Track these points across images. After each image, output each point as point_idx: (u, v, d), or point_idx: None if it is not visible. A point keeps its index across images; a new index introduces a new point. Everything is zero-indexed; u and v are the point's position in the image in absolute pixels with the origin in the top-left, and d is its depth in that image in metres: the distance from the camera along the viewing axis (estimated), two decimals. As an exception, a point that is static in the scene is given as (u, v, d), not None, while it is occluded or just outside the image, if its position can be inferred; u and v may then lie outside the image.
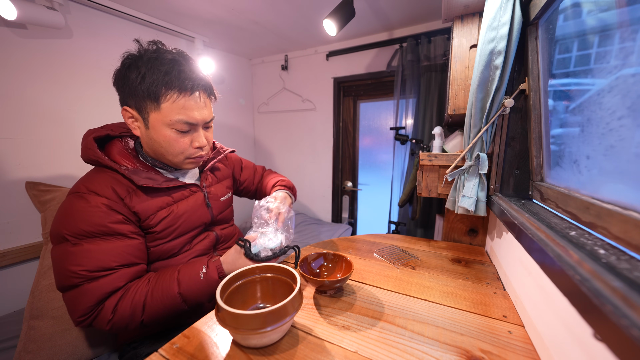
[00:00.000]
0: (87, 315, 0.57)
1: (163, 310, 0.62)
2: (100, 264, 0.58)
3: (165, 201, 0.71)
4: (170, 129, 0.64)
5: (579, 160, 0.57)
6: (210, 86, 0.70)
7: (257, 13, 1.58)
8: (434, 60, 1.61)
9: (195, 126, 0.67)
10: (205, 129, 0.72)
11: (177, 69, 0.62)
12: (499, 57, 0.74)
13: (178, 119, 0.63)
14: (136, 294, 0.60)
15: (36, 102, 1.30)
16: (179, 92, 0.62)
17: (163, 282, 0.63)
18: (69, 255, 0.57)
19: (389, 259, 0.90)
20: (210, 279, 0.65)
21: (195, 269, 0.66)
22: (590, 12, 0.57)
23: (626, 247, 0.38)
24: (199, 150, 0.70)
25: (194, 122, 0.65)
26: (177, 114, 0.63)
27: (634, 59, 0.43)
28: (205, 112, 0.68)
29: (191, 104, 0.64)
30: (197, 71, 0.66)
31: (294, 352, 0.50)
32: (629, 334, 0.24)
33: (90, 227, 0.59)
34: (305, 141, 2.37)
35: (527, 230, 0.53)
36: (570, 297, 0.36)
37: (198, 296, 0.65)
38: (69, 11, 1.36)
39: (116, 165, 0.65)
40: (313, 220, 2.25)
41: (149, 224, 0.67)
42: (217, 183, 0.89)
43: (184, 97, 0.63)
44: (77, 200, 0.61)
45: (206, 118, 0.68)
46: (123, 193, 0.64)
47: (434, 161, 0.99)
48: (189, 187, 0.77)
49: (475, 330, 0.56)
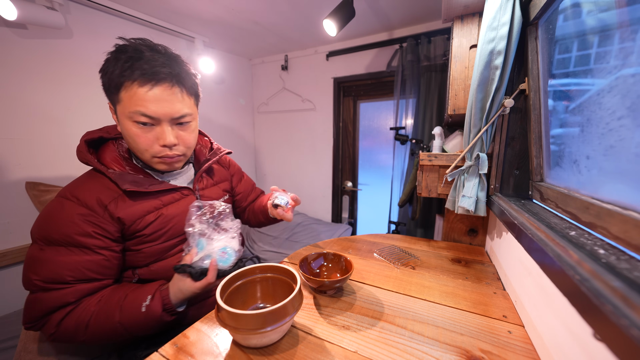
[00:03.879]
0: (32, 323, 0.57)
1: (105, 335, 0.59)
2: (54, 276, 0.56)
3: (154, 205, 0.68)
4: (131, 122, 0.60)
5: (578, 160, 0.57)
6: (185, 79, 0.64)
7: (257, 13, 1.58)
8: (434, 60, 1.61)
9: (158, 121, 0.61)
10: (178, 126, 0.65)
11: (137, 57, 0.58)
12: (499, 57, 0.74)
13: (135, 110, 0.58)
14: (83, 312, 0.58)
15: (36, 102, 1.30)
16: (134, 81, 0.57)
17: (109, 306, 0.59)
18: (32, 261, 0.57)
19: (389, 259, 0.90)
20: (152, 313, 0.59)
21: (140, 298, 0.60)
22: (590, 13, 0.57)
23: (626, 247, 0.38)
24: (165, 150, 0.64)
25: (152, 114, 0.59)
26: (135, 105, 0.58)
27: (634, 59, 0.43)
28: (170, 106, 0.61)
29: (151, 95, 0.58)
30: (165, 60, 0.60)
31: (294, 352, 0.50)
32: (629, 334, 0.24)
33: (58, 235, 0.58)
34: (305, 141, 2.38)
35: (527, 230, 0.53)
36: (570, 297, 0.36)
37: (139, 328, 0.60)
38: (69, 11, 1.36)
39: (104, 169, 0.63)
40: (313, 220, 2.25)
41: (135, 228, 0.65)
42: (212, 185, 0.85)
43: (140, 86, 0.58)
44: (57, 204, 0.61)
45: (172, 113, 0.62)
46: (107, 199, 0.62)
47: (434, 161, 0.99)
48: (180, 190, 0.74)
49: (475, 330, 0.56)
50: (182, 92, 0.63)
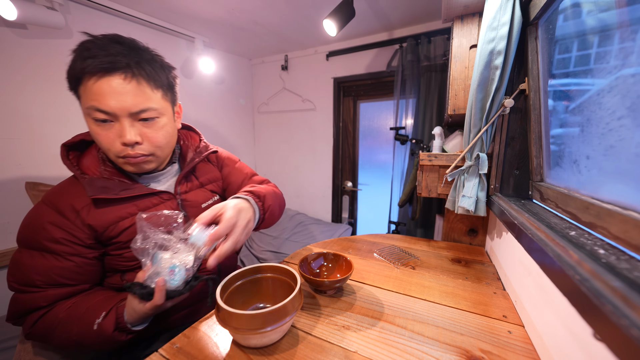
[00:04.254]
0: (13, 321, 0.59)
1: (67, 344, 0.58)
2: (26, 280, 0.57)
3: (128, 211, 0.64)
4: (90, 119, 0.56)
5: (578, 160, 0.57)
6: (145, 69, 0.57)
7: (257, 13, 1.58)
8: (434, 60, 1.61)
9: (115, 116, 0.55)
10: (142, 122, 0.59)
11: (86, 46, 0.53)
12: (499, 57, 0.74)
13: (90, 106, 0.54)
14: (53, 318, 0.57)
15: (36, 102, 1.30)
16: (89, 75, 0.53)
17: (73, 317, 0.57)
18: (12, 263, 0.59)
19: (389, 259, 0.90)
20: (103, 332, 0.55)
21: (95, 314, 0.56)
22: (590, 13, 0.57)
23: (626, 247, 0.38)
24: (126, 148, 0.58)
25: (106, 109, 0.54)
26: (90, 99, 0.54)
27: (634, 59, 0.43)
28: (126, 99, 0.55)
29: (104, 88, 0.53)
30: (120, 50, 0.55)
31: (294, 352, 0.50)
32: (629, 334, 0.24)
33: (30, 239, 0.59)
34: (305, 141, 2.38)
35: (527, 230, 0.53)
36: (570, 297, 0.36)
37: (90, 345, 0.57)
38: (69, 11, 1.36)
39: (79, 174, 0.61)
40: (313, 220, 2.25)
41: (109, 234, 0.62)
42: (198, 188, 0.78)
43: (96, 79, 0.53)
44: (35, 208, 0.61)
45: (128, 107, 0.55)
46: (80, 205, 0.60)
47: (434, 161, 0.99)
48: (159, 195, 0.68)
49: (475, 330, 0.56)
50: (142, 83, 0.57)
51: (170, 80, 0.65)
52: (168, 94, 0.64)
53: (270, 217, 0.75)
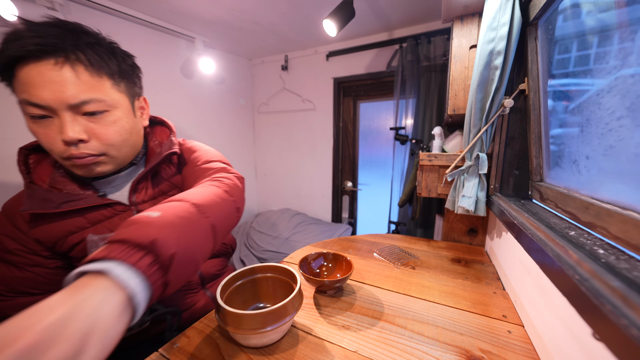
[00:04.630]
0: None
1: None
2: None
3: (76, 224, 0.56)
4: (25, 116, 0.48)
5: (578, 160, 0.57)
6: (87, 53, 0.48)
7: (258, 13, 1.58)
8: (433, 60, 1.61)
9: (52, 110, 0.47)
10: (88, 117, 0.50)
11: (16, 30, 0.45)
12: (499, 58, 0.74)
13: (21, 99, 0.46)
14: None
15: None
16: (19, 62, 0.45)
17: None
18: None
19: (388, 258, 0.90)
20: None
21: None
22: (589, 13, 0.57)
23: (625, 247, 0.38)
24: (69, 148, 0.49)
25: (40, 102, 0.45)
26: (20, 91, 0.46)
27: (633, 59, 0.43)
28: (62, 89, 0.46)
29: (34, 75, 0.45)
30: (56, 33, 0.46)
31: (294, 352, 0.50)
32: (628, 334, 0.24)
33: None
34: (305, 141, 2.38)
35: (527, 230, 0.53)
36: (569, 297, 0.36)
37: None
38: (70, 12, 1.36)
39: (27, 182, 0.56)
40: (313, 220, 2.25)
41: (60, 250, 0.56)
42: (160, 195, 0.65)
43: (23, 67, 0.45)
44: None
45: (66, 99, 0.46)
46: (28, 216, 0.54)
47: (434, 161, 0.99)
48: (113, 206, 0.59)
49: (475, 329, 0.56)
50: (81, 71, 0.48)
51: (125, 69, 0.56)
52: (121, 84, 0.55)
53: (183, 269, 0.38)
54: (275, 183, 2.64)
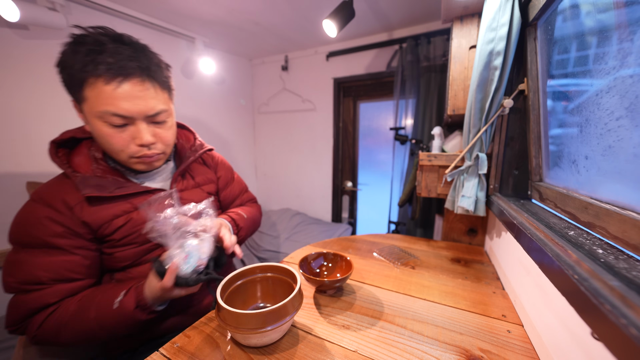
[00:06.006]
0: (15, 326, 0.56)
1: (83, 335, 0.56)
2: (30, 278, 0.55)
3: (122, 208, 0.63)
4: (101, 122, 0.55)
5: (577, 161, 0.57)
6: (156, 72, 0.59)
7: (258, 14, 1.58)
8: (433, 60, 1.62)
9: (132, 119, 0.57)
10: (155, 124, 0.61)
11: (98, 50, 0.52)
12: (498, 58, 0.74)
13: (105, 110, 0.54)
14: (63, 312, 0.56)
15: (36, 103, 1.30)
16: (98, 77, 0.52)
17: (87, 304, 0.57)
18: (7, 264, 0.56)
19: (388, 258, 0.90)
20: (124, 310, 0.56)
21: (113, 294, 0.57)
22: (588, 13, 0.57)
23: (624, 246, 0.38)
24: (142, 149, 0.60)
25: (125, 113, 0.55)
26: (104, 104, 0.53)
27: (632, 60, 0.43)
28: (142, 103, 0.56)
29: (121, 93, 0.53)
30: (132, 53, 0.55)
31: (294, 352, 0.50)
32: (627, 333, 0.24)
33: (28, 237, 0.57)
34: (305, 141, 2.38)
35: (526, 230, 0.53)
36: (568, 297, 0.36)
37: (114, 326, 0.57)
38: (70, 12, 1.36)
39: (70, 172, 0.61)
40: (313, 220, 2.25)
41: (103, 232, 0.61)
42: (194, 187, 0.78)
43: (110, 84, 0.53)
44: (26, 207, 0.60)
45: (146, 111, 0.57)
46: (74, 202, 0.59)
47: (434, 161, 0.99)
48: (155, 192, 0.68)
49: (475, 329, 0.56)
50: (154, 86, 0.58)
51: (169, 80, 0.65)
52: (171, 94, 0.66)
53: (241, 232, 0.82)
54: (275, 183, 2.65)
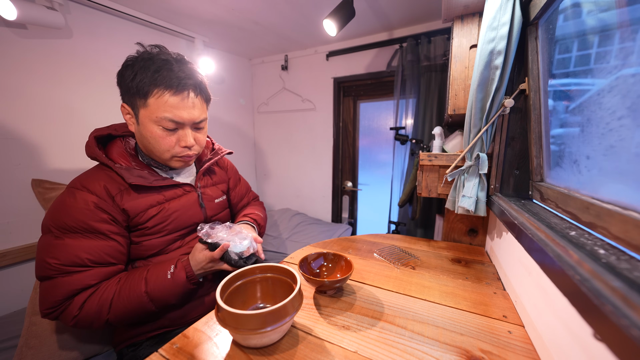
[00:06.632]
0: (54, 308, 0.59)
1: (130, 309, 0.63)
2: (75, 260, 0.60)
3: (156, 199, 0.72)
4: (156, 126, 0.66)
5: (578, 160, 0.57)
6: (203, 88, 0.71)
7: (257, 13, 1.58)
8: (434, 60, 1.61)
9: (182, 125, 0.68)
10: (196, 130, 0.73)
11: (166, 67, 0.64)
12: (499, 57, 0.74)
13: (164, 116, 0.64)
14: (104, 292, 0.62)
15: (36, 102, 1.30)
16: (165, 90, 0.63)
17: (132, 281, 0.64)
18: (50, 247, 0.60)
19: (389, 259, 0.90)
20: (178, 279, 0.67)
21: (164, 268, 0.67)
22: (590, 13, 0.57)
23: (626, 247, 0.38)
24: (185, 150, 0.71)
25: (180, 120, 0.66)
26: (164, 111, 0.64)
27: (634, 59, 0.43)
28: (193, 112, 0.68)
29: (178, 102, 0.65)
30: (189, 72, 0.67)
31: (294, 352, 0.50)
32: (629, 334, 0.24)
33: (73, 222, 0.61)
34: (305, 141, 2.37)
35: (527, 230, 0.53)
36: (570, 297, 0.36)
37: (165, 296, 0.66)
38: (69, 11, 1.35)
39: (111, 163, 0.68)
40: (313, 220, 2.25)
41: (138, 220, 0.69)
42: (212, 185, 0.90)
43: (170, 94, 0.64)
44: (69, 195, 0.64)
45: (195, 118, 0.69)
46: (114, 191, 0.66)
47: (434, 161, 0.99)
48: (183, 187, 0.79)
49: (475, 330, 0.56)
50: (201, 99, 0.71)
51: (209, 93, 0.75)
52: (208, 104, 0.76)
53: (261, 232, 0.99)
54: (275, 183, 2.64)
